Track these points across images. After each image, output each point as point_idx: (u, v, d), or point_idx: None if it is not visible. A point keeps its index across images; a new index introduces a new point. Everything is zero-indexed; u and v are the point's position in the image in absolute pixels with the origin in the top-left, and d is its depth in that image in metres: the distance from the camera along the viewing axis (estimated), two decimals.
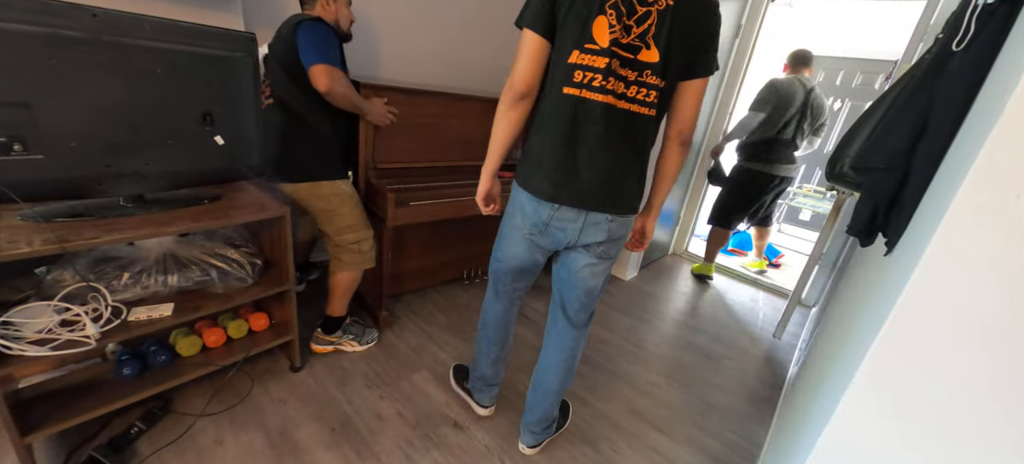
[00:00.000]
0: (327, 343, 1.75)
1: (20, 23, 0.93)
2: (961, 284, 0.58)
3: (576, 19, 0.96)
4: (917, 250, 0.67)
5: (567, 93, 1.02)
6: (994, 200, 0.55)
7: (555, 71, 1.03)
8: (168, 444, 1.29)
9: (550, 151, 1.07)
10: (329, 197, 1.58)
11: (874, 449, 0.68)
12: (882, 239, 0.96)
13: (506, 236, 1.26)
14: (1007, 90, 0.57)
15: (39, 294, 1.15)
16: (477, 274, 2.56)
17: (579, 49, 0.98)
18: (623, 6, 0.95)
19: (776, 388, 1.98)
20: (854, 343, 0.90)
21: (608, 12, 0.95)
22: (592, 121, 1.02)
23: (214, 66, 1.22)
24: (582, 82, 1.00)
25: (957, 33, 0.76)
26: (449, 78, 2.61)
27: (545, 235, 1.16)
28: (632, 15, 0.96)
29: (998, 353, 0.55)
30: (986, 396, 0.57)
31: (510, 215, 1.23)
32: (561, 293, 1.29)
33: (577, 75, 1.00)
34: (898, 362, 0.64)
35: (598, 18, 0.95)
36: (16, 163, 0.99)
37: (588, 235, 1.14)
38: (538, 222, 1.14)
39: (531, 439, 1.43)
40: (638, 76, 1.00)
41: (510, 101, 1.05)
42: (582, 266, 1.21)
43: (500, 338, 1.44)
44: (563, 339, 1.32)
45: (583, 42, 0.97)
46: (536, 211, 1.12)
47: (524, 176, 1.14)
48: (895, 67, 2.29)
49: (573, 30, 0.97)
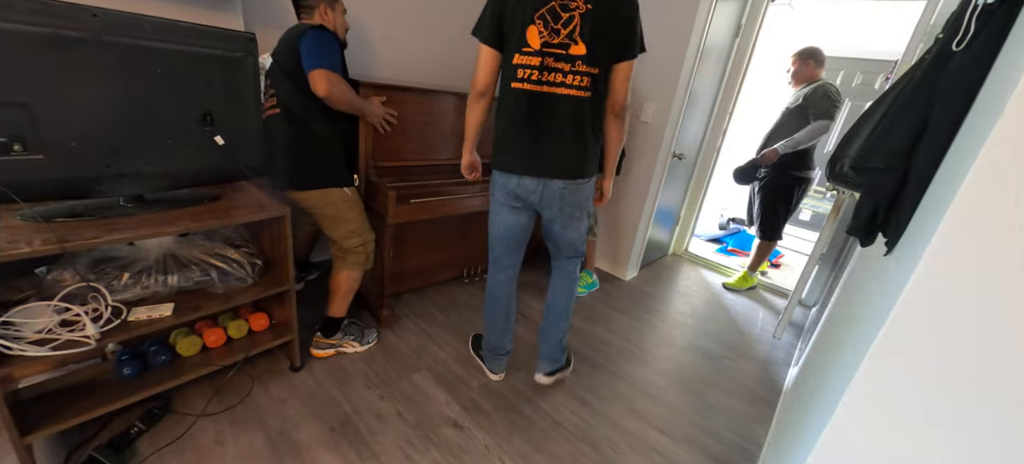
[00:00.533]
0: (328, 347, 1.74)
1: (20, 23, 0.93)
2: (961, 284, 0.58)
3: (515, 30, 1.26)
4: (917, 250, 0.67)
5: (515, 87, 1.31)
6: (994, 200, 0.55)
7: (505, 71, 1.33)
8: (168, 444, 1.30)
9: (509, 135, 1.37)
10: (337, 204, 1.60)
11: (874, 449, 0.68)
12: (882, 239, 0.96)
13: (494, 211, 1.54)
14: (1007, 90, 0.57)
15: (39, 294, 1.15)
16: (477, 273, 2.57)
17: (519, 52, 1.28)
18: (549, 15, 1.24)
19: (776, 388, 1.98)
20: (854, 343, 0.90)
21: (537, 22, 1.24)
22: (535, 107, 1.31)
23: (214, 66, 1.22)
24: (524, 77, 1.29)
25: (957, 33, 0.76)
26: (447, 77, 2.62)
27: (518, 199, 1.44)
28: (558, 20, 1.24)
29: (998, 353, 0.55)
30: (986, 396, 0.57)
31: (492, 194, 1.52)
32: (554, 247, 1.61)
33: (520, 72, 1.29)
34: (898, 362, 0.64)
35: (530, 27, 1.25)
36: (16, 163, 0.99)
37: (550, 198, 1.42)
38: (510, 191, 1.43)
39: (548, 366, 1.71)
40: (572, 67, 1.28)
41: (473, 98, 1.38)
42: (558, 228, 1.52)
43: (504, 309, 1.65)
44: (564, 272, 1.64)
45: (521, 47, 1.27)
46: (506, 183, 1.43)
47: (494, 158, 1.43)
48: (895, 67, 2.28)
49: (513, 38, 1.27)
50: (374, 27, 2.22)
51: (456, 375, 1.77)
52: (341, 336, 1.77)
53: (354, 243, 1.64)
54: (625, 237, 2.91)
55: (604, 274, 2.98)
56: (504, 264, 1.60)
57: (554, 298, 1.66)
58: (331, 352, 1.75)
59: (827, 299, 2.26)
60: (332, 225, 1.63)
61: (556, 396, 1.73)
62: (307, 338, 1.78)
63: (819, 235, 2.27)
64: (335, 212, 1.60)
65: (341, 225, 1.62)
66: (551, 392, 1.75)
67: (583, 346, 2.09)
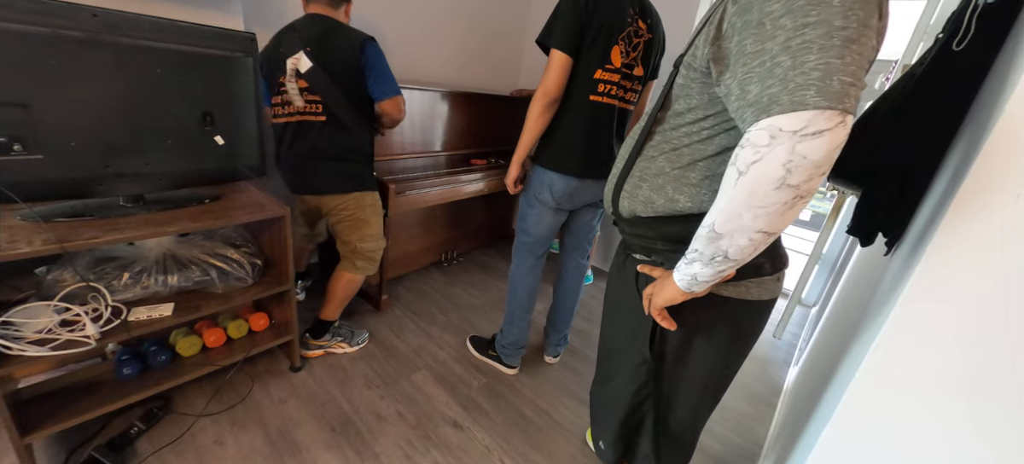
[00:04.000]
0: (317, 347, 1.75)
1: (20, 23, 0.93)
2: (961, 284, 0.58)
3: (598, 46, 1.33)
4: (917, 250, 0.67)
5: (593, 99, 1.39)
6: (994, 200, 0.55)
7: (581, 82, 1.37)
8: (168, 444, 1.29)
9: (579, 140, 1.43)
10: (368, 207, 1.63)
11: (875, 449, 0.68)
12: (882, 239, 0.96)
13: (533, 213, 1.57)
14: (1007, 90, 0.57)
15: (39, 294, 1.15)
16: (453, 257, 2.77)
17: (602, 68, 1.36)
18: (626, 40, 1.36)
19: (776, 388, 1.98)
20: (854, 343, 0.90)
21: (620, 43, 1.35)
22: (610, 119, 1.44)
23: (214, 66, 1.22)
24: (604, 92, 1.39)
25: (957, 33, 0.76)
26: (444, 76, 2.61)
27: (570, 201, 1.52)
28: (631, 44, 1.37)
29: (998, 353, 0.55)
30: (986, 396, 0.57)
31: (536, 195, 1.53)
32: (576, 242, 1.71)
33: (600, 87, 1.38)
34: (898, 362, 0.64)
35: (615, 47, 1.34)
36: (16, 163, 0.99)
37: (597, 194, 1.54)
38: (565, 194, 1.49)
39: (556, 349, 1.91)
40: (632, 85, 1.44)
41: (545, 105, 1.37)
42: (592, 222, 1.66)
43: (530, 302, 1.72)
44: (577, 268, 1.76)
45: (604, 63, 1.35)
46: (566, 185, 1.47)
47: (554, 160, 1.46)
48: (895, 67, 2.29)
49: (597, 54, 1.34)
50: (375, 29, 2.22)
51: (456, 375, 1.77)
52: (329, 337, 1.77)
53: (371, 247, 1.66)
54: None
55: (604, 274, 2.98)
56: (537, 262, 1.66)
57: (564, 297, 1.79)
58: (320, 352, 1.76)
59: (827, 299, 2.26)
60: (355, 227, 1.63)
61: (556, 396, 1.73)
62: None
63: (819, 235, 2.27)
64: (364, 215, 1.62)
65: (364, 228, 1.63)
66: (551, 392, 1.75)
67: (583, 345, 2.09)
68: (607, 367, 1.12)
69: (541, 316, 2.30)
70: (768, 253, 0.80)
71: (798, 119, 0.52)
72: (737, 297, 0.82)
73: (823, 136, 0.51)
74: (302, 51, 1.41)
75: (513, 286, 1.70)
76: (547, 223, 1.57)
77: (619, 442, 1.09)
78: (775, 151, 0.54)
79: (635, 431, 1.06)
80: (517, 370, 1.83)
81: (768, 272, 0.82)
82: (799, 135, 0.52)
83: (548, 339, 1.91)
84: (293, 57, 1.41)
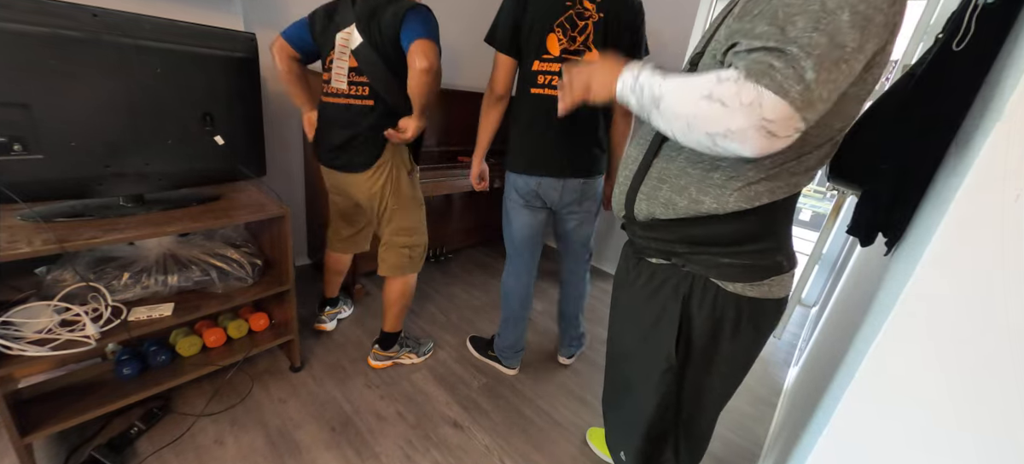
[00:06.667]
0: (386, 358, 1.74)
1: (20, 23, 0.93)
2: (961, 284, 0.58)
3: (534, 37, 1.31)
4: (917, 250, 0.67)
5: (534, 93, 1.36)
6: (994, 200, 0.55)
7: (523, 76, 1.37)
8: (168, 444, 1.29)
9: (528, 139, 1.42)
10: (408, 184, 1.53)
11: (875, 449, 0.68)
12: (882, 239, 0.96)
13: (509, 214, 1.56)
14: (1007, 90, 0.57)
15: (39, 294, 1.15)
16: (443, 253, 2.81)
17: (539, 59, 1.33)
18: (567, 23, 1.30)
19: (776, 388, 1.98)
20: (854, 343, 0.90)
21: (556, 30, 1.30)
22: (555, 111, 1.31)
23: (214, 66, 1.22)
24: (544, 83, 1.34)
25: (957, 33, 0.76)
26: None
27: (538, 199, 1.49)
28: (574, 28, 1.30)
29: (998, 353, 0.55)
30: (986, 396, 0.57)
31: (507, 197, 1.55)
32: (565, 247, 1.68)
33: (540, 79, 1.35)
34: (898, 362, 0.64)
35: (550, 35, 1.30)
36: (16, 163, 0.99)
37: (568, 197, 1.48)
38: (528, 192, 1.47)
39: (568, 351, 1.89)
40: None
41: (492, 102, 1.41)
42: (573, 225, 1.59)
43: (522, 306, 1.69)
44: (577, 273, 1.73)
45: (541, 54, 1.32)
46: (525, 184, 1.46)
47: (511, 163, 1.47)
48: (895, 67, 2.28)
49: (533, 45, 1.32)
50: None
51: (456, 375, 1.77)
52: (398, 348, 1.77)
53: (401, 241, 1.57)
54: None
55: (605, 274, 2.98)
56: (525, 264, 1.64)
57: (572, 288, 1.76)
58: (388, 364, 1.75)
59: (827, 299, 2.26)
60: (389, 216, 1.54)
61: (556, 396, 1.73)
62: (307, 338, 1.79)
63: (819, 235, 2.27)
64: (400, 200, 1.52)
65: (395, 218, 1.54)
66: (551, 392, 1.75)
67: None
68: (622, 374, 1.09)
69: (542, 316, 2.30)
70: (784, 251, 0.82)
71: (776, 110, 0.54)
72: (760, 296, 0.82)
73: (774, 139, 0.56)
74: (354, 25, 1.30)
75: (504, 291, 1.69)
76: (522, 223, 1.54)
77: (643, 451, 1.06)
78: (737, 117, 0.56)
79: (660, 438, 1.04)
80: (517, 371, 1.82)
81: (786, 269, 0.83)
82: (764, 122, 0.55)
83: (560, 340, 1.91)
84: (345, 30, 1.32)
